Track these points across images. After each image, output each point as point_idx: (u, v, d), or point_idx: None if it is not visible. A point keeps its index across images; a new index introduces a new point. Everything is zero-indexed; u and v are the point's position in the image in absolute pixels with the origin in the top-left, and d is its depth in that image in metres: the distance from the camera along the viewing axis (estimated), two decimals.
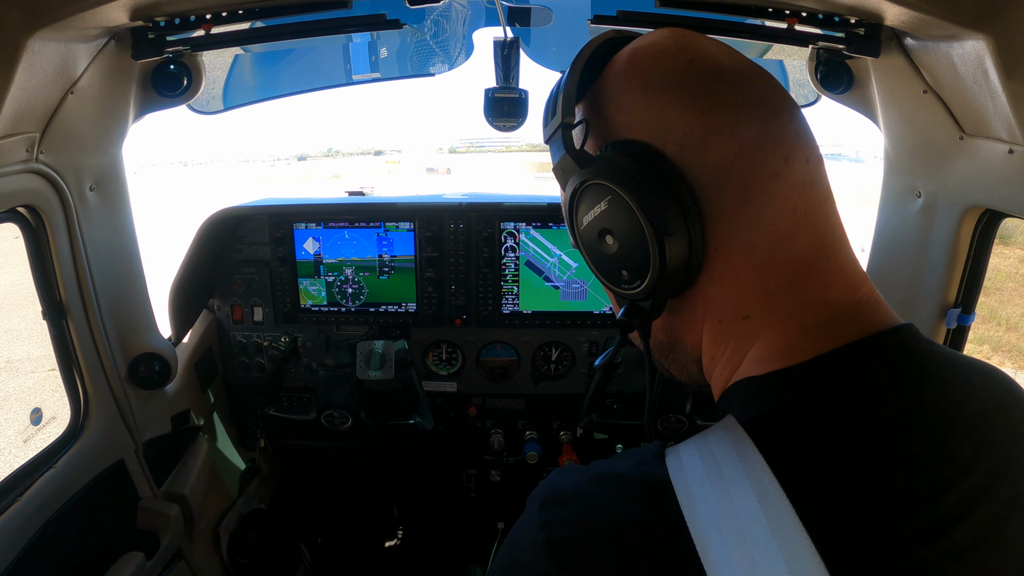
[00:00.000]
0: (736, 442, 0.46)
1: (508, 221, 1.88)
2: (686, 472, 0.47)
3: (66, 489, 1.34)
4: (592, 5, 1.31)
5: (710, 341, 0.56)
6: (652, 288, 0.53)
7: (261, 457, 2.13)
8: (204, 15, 1.19)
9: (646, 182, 0.50)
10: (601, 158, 0.53)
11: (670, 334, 0.61)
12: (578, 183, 0.55)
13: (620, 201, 0.51)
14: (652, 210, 0.49)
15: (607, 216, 0.53)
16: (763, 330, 0.51)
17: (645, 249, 0.51)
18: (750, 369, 0.52)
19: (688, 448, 0.49)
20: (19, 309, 8.14)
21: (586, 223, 0.56)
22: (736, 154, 0.49)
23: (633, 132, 0.52)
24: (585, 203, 0.55)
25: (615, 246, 0.54)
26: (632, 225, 0.51)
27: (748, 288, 0.51)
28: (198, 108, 1.55)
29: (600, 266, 0.58)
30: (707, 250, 0.51)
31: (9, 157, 1.11)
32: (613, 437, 2.02)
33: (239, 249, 1.92)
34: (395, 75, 1.81)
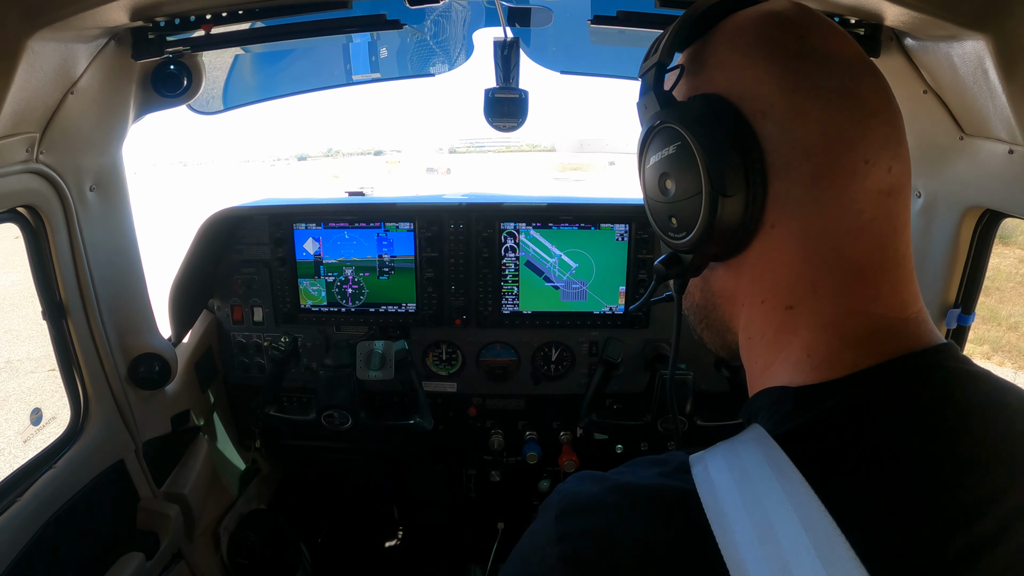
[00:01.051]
0: (771, 458, 0.45)
1: (508, 221, 1.88)
2: (715, 486, 0.45)
3: (66, 489, 1.34)
4: (592, 5, 1.31)
5: (749, 320, 0.55)
6: (695, 244, 0.53)
7: (261, 457, 2.13)
8: (204, 15, 1.19)
9: (718, 139, 0.49)
10: (683, 104, 0.53)
11: (708, 298, 0.60)
12: (654, 123, 0.55)
13: (687, 150, 0.51)
14: (715, 166, 0.49)
15: (672, 161, 0.53)
16: (803, 328, 0.50)
17: (697, 203, 0.51)
18: (785, 374, 0.51)
19: (715, 459, 0.48)
20: (19, 309, 8.14)
21: (651, 163, 0.56)
22: (817, 139, 0.48)
23: (723, 89, 0.52)
24: (656, 143, 0.55)
25: (672, 192, 0.54)
26: (692, 176, 0.51)
27: (797, 278, 0.50)
28: (198, 108, 1.54)
29: (654, 209, 0.58)
30: (763, 224, 0.50)
31: (9, 157, 1.11)
32: (613, 437, 2.02)
33: (239, 249, 1.92)
34: (395, 75, 1.81)
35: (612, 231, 1.87)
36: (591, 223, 1.86)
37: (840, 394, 0.47)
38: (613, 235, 1.87)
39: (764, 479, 0.43)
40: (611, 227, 1.86)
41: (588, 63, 1.82)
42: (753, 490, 0.43)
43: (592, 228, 1.87)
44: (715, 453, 0.49)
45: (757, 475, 0.44)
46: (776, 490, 0.42)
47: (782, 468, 0.44)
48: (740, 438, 0.50)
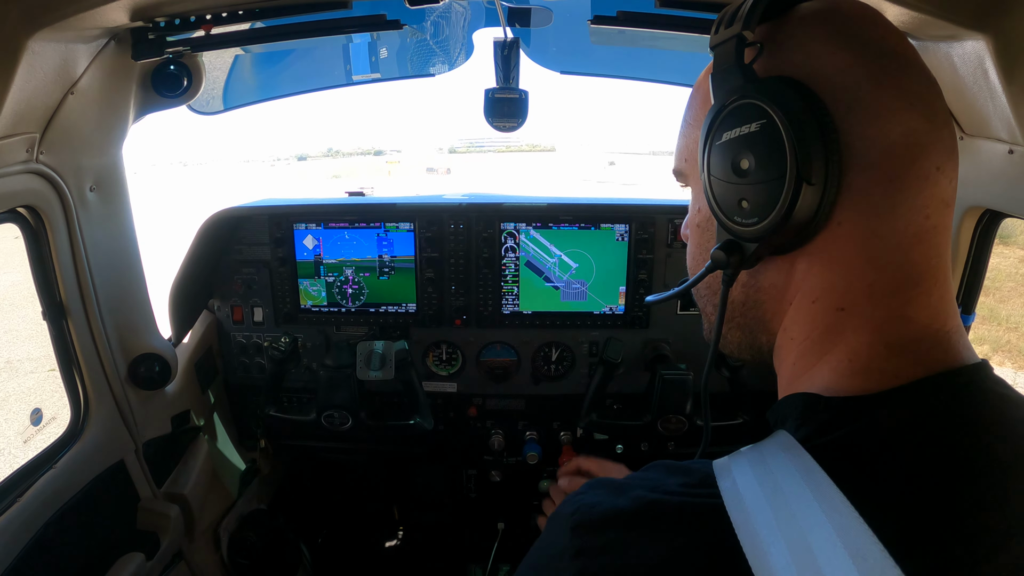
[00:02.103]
0: (806, 472, 0.43)
1: (508, 221, 1.88)
2: (744, 501, 0.43)
3: (66, 490, 1.34)
4: (592, 5, 1.31)
5: (795, 319, 0.53)
6: (766, 231, 0.50)
7: (261, 457, 2.13)
8: (204, 15, 1.19)
9: (806, 123, 0.47)
10: (769, 82, 0.50)
11: (751, 293, 0.57)
12: (737, 96, 0.51)
13: (774, 130, 0.48)
14: (803, 152, 0.47)
15: (753, 139, 0.50)
16: (851, 331, 0.49)
17: (779, 188, 0.48)
18: (820, 379, 0.50)
19: (742, 469, 0.46)
20: (19, 309, 8.14)
21: (725, 139, 0.53)
22: (897, 140, 0.47)
23: (804, 75, 0.49)
24: (733, 119, 0.52)
25: (747, 173, 0.51)
26: (776, 158, 0.48)
27: (854, 278, 0.49)
28: (198, 108, 1.55)
29: (720, 189, 0.54)
30: (830, 221, 0.49)
31: (9, 157, 1.11)
32: (613, 437, 2.02)
33: (239, 249, 1.92)
34: (395, 75, 1.81)
35: (612, 231, 1.87)
36: (591, 223, 1.86)
37: (880, 409, 0.46)
38: (613, 235, 1.87)
39: (799, 496, 0.42)
40: (611, 227, 1.86)
41: (588, 63, 1.82)
42: (788, 507, 0.42)
43: (592, 228, 1.86)
44: (742, 464, 0.47)
45: (792, 491, 0.42)
46: (814, 508, 0.41)
47: (819, 484, 0.42)
48: (768, 448, 0.48)
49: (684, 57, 1.78)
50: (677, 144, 0.64)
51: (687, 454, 2.03)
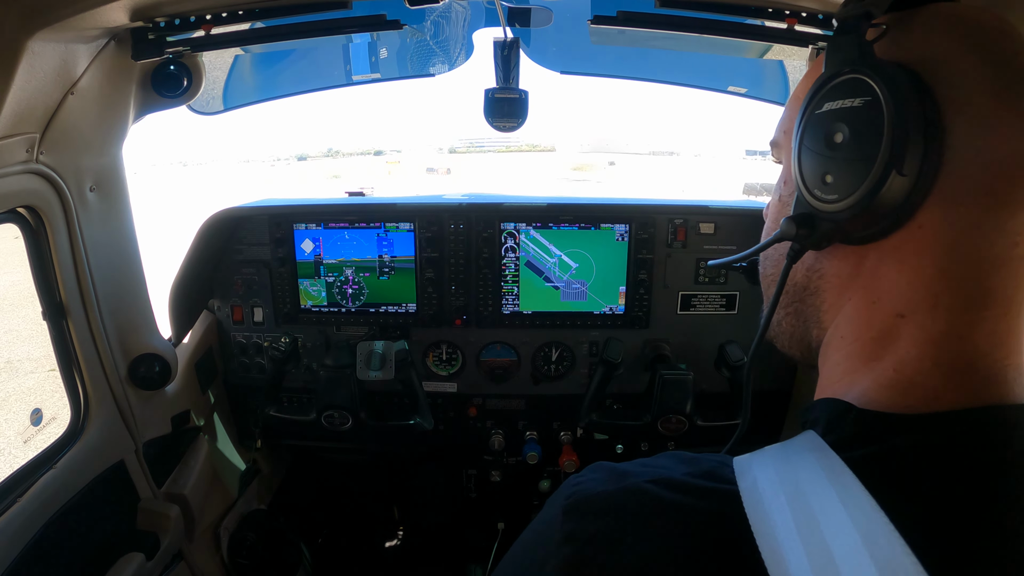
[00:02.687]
0: (831, 473, 0.41)
1: (508, 221, 1.88)
2: (763, 500, 0.41)
3: (66, 490, 1.34)
4: (592, 5, 1.31)
5: (850, 318, 0.51)
6: (843, 212, 0.48)
7: (261, 457, 2.13)
8: (204, 15, 1.19)
9: (911, 112, 0.45)
10: (883, 62, 0.48)
11: (812, 279, 0.55)
12: (849, 68, 0.50)
13: (876, 109, 0.46)
14: (900, 139, 0.45)
15: (854, 114, 0.48)
16: (905, 340, 0.46)
17: (866, 169, 0.46)
18: (863, 386, 0.48)
19: (764, 467, 0.44)
20: (19, 309, 8.14)
21: (825, 108, 0.51)
22: (1004, 156, 0.44)
23: (922, 67, 0.47)
24: (839, 90, 0.50)
25: (839, 147, 0.49)
26: (871, 138, 0.46)
27: (922, 287, 0.46)
28: (198, 108, 1.55)
29: (807, 158, 0.52)
30: (912, 220, 0.46)
31: (9, 158, 1.11)
32: (613, 437, 2.02)
33: (239, 249, 1.92)
34: (395, 75, 1.81)
35: (612, 231, 1.87)
36: (591, 223, 1.86)
37: (915, 433, 0.43)
38: (613, 235, 1.87)
39: (824, 497, 0.40)
40: (611, 227, 1.86)
41: (588, 63, 1.82)
42: (808, 507, 0.39)
43: (592, 228, 1.87)
44: (764, 462, 0.45)
45: (814, 491, 0.40)
46: (838, 511, 0.38)
47: (847, 487, 0.40)
48: (794, 446, 0.45)
49: (685, 57, 1.78)
50: (781, 116, 0.62)
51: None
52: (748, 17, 1.24)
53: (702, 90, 1.82)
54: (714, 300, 1.92)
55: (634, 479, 0.46)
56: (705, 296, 1.91)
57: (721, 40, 1.34)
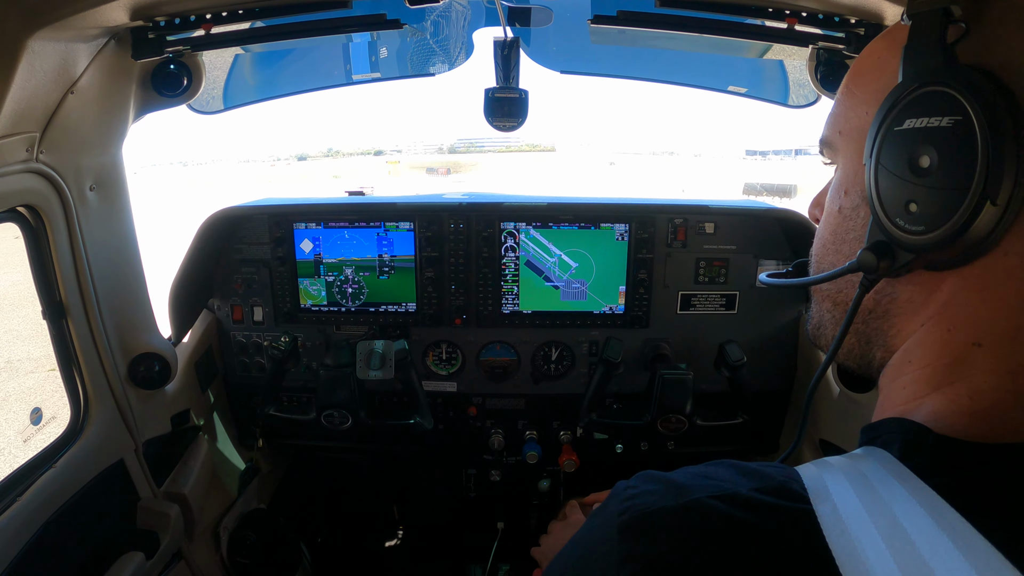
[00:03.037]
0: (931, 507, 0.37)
1: (508, 221, 1.88)
2: (850, 532, 0.37)
3: (66, 489, 1.34)
4: (592, 5, 1.31)
5: (922, 343, 0.48)
6: (930, 244, 0.44)
7: (261, 457, 2.13)
8: (204, 15, 1.19)
9: (1007, 133, 0.40)
10: (970, 73, 0.43)
11: (883, 303, 0.51)
12: (933, 80, 0.44)
13: (969, 132, 0.41)
14: (997, 166, 0.40)
15: (941, 136, 0.43)
16: (981, 371, 0.44)
17: (959, 201, 0.42)
18: (935, 410, 0.45)
19: (842, 491, 0.40)
20: (19, 309, 8.14)
21: (907, 126, 0.46)
22: None
23: (1008, 75, 0.42)
24: (922, 106, 0.45)
25: (926, 173, 0.44)
26: (966, 166, 0.42)
27: (1003, 317, 0.43)
28: (198, 108, 1.55)
29: (886, 183, 0.47)
30: (997, 248, 0.43)
31: (9, 157, 1.11)
32: (613, 437, 2.02)
33: (239, 249, 1.92)
34: (395, 75, 1.81)
35: (612, 231, 1.87)
36: (591, 223, 1.86)
37: (1007, 461, 0.41)
38: (613, 235, 1.87)
39: (929, 536, 0.36)
40: (611, 227, 1.86)
41: (588, 63, 1.82)
42: (913, 547, 0.36)
43: (592, 228, 1.87)
44: (840, 483, 0.41)
45: (916, 528, 0.36)
46: (949, 551, 0.35)
47: (953, 524, 0.36)
48: (871, 469, 0.42)
49: (685, 57, 1.78)
50: (832, 111, 0.57)
51: (687, 454, 2.03)
52: (748, 17, 1.24)
53: (702, 90, 1.82)
54: (714, 300, 1.92)
55: (696, 494, 0.43)
56: (705, 296, 1.91)
57: (721, 40, 1.34)
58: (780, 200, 25.78)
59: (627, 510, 0.43)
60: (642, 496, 0.44)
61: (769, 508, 0.41)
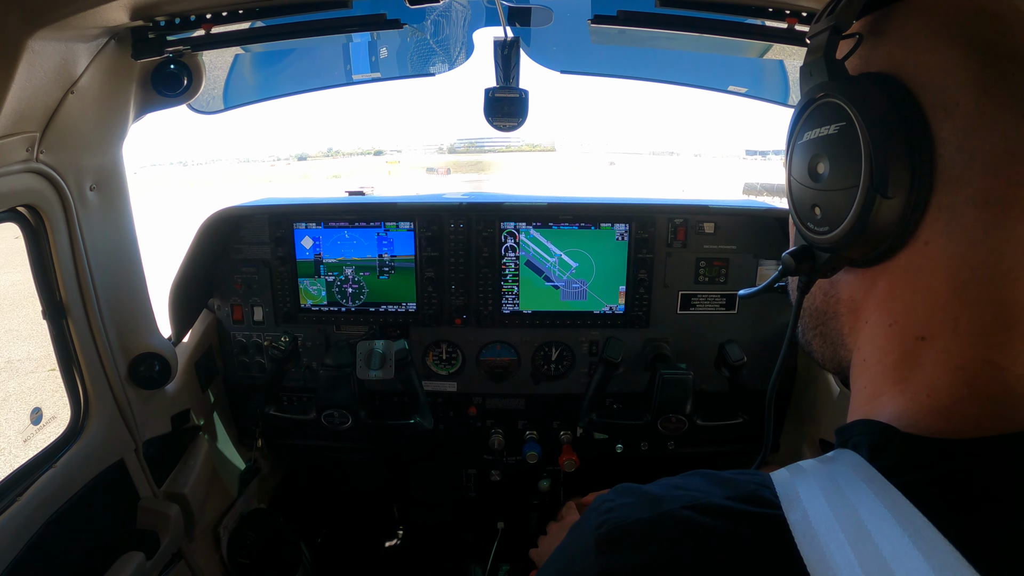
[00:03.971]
0: (894, 509, 0.38)
1: (508, 221, 1.88)
2: (819, 537, 0.38)
3: (66, 489, 1.34)
4: (592, 5, 1.31)
5: (870, 340, 0.49)
6: (837, 243, 0.47)
7: (261, 457, 2.13)
8: (204, 15, 1.19)
9: (889, 128, 0.43)
10: (854, 79, 0.47)
11: (830, 304, 0.54)
12: (818, 94, 0.48)
13: (851, 134, 0.45)
14: (880, 160, 0.43)
15: (830, 142, 0.47)
16: (931, 365, 0.44)
17: (850, 199, 0.45)
18: (894, 408, 0.45)
19: (812, 495, 0.41)
20: (19, 309, 8.14)
21: (805, 139, 0.50)
22: (1000, 156, 0.41)
23: (902, 72, 0.44)
24: (814, 118, 0.49)
25: (822, 179, 0.48)
26: (850, 165, 0.45)
27: (938, 307, 0.44)
28: (198, 108, 1.55)
29: (797, 193, 0.51)
30: (915, 238, 0.44)
31: (9, 157, 1.11)
32: (613, 437, 2.02)
33: (239, 249, 1.92)
34: (395, 75, 1.81)
35: (612, 231, 1.87)
36: (591, 223, 1.86)
37: (970, 457, 0.41)
38: (613, 235, 1.87)
39: (891, 537, 0.37)
40: (611, 227, 1.86)
41: (588, 63, 1.82)
42: (876, 550, 0.36)
43: (592, 228, 1.87)
44: (811, 488, 0.42)
45: (879, 530, 0.37)
46: (910, 552, 0.35)
47: (916, 526, 0.37)
48: (841, 472, 0.43)
49: (685, 57, 1.78)
50: None
51: (687, 454, 2.03)
52: (748, 17, 1.24)
53: (702, 90, 1.82)
54: (714, 300, 1.92)
55: (669, 505, 0.43)
56: (705, 296, 1.91)
57: (721, 40, 1.34)
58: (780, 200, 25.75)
59: (604, 523, 0.44)
60: (618, 509, 0.45)
61: (741, 515, 0.41)
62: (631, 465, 2.10)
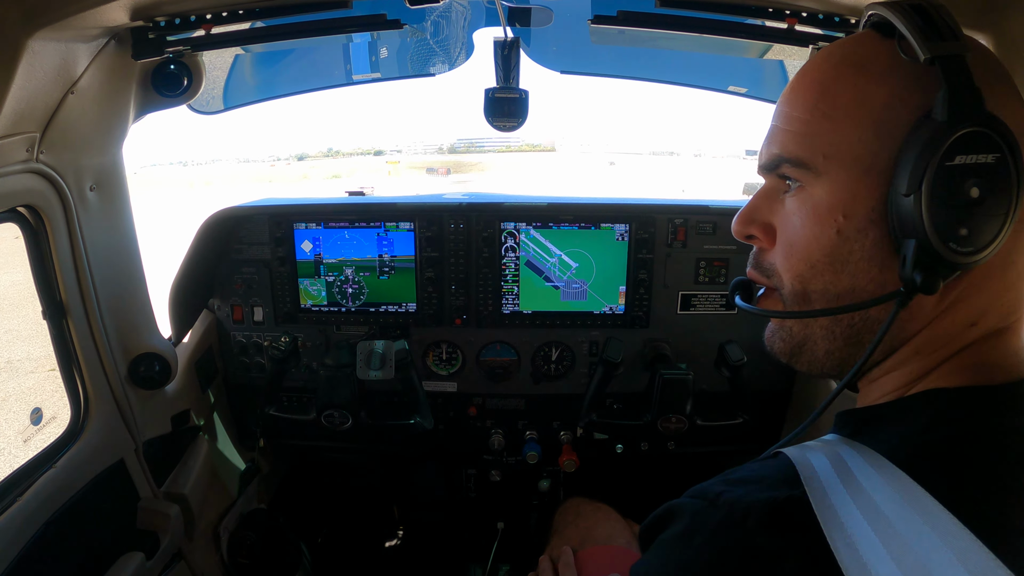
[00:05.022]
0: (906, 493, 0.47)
1: (508, 221, 1.88)
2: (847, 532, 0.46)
3: (66, 489, 1.33)
4: (592, 5, 1.31)
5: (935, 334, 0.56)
6: (975, 263, 0.52)
7: (261, 457, 2.13)
8: (204, 15, 1.19)
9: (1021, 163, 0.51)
10: (995, 118, 0.51)
11: (881, 311, 0.58)
12: (976, 121, 0.50)
13: (1006, 167, 0.50)
14: (1020, 191, 0.50)
15: (987, 170, 0.51)
16: (981, 338, 0.55)
17: (1002, 223, 0.51)
18: (944, 377, 0.55)
19: (832, 488, 0.49)
20: (19, 309, 8.14)
21: (958, 161, 0.51)
22: None
23: (1007, 116, 0.51)
24: (968, 144, 0.50)
25: (977, 201, 0.51)
26: (1007, 194, 0.51)
27: (995, 298, 0.55)
28: (198, 108, 1.55)
29: (936, 210, 0.51)
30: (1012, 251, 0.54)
31: (9, 157, 1.12)
32: (613, 437, 2.02)
33: (239, 249, 1.92)
34: (395, 75, 1.81)
35: (612, 231, 1.87)
36: (591, 223, 1.86)
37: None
38: (613, 235, 1.87)
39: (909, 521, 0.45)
40: (611, 227, 1.86)
41: (588, 63, 1.82)
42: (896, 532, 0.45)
43: (592, 228, 1.87)
44: (830, 479, 0.51)
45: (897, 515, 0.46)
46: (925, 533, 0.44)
47: (929, 509, 0.45)
48: (860, 462, 0.51)
49: (685, 57, 1.78)
50: (795, 130, 0.59)
51: (687, 454, 2.03)
52: (748, 17, 1.24)
53: (702, 90, 1.82)
54: (714, 300, 1.92)
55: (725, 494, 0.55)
56: (705, 296, 1.91)
57: (721, 40, 1.34)
58: None
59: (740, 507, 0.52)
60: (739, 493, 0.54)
61: (771, 496, 0.52)
62: (631, 465, 2.10)
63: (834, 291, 0.58)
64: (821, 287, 0.59)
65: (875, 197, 0.54)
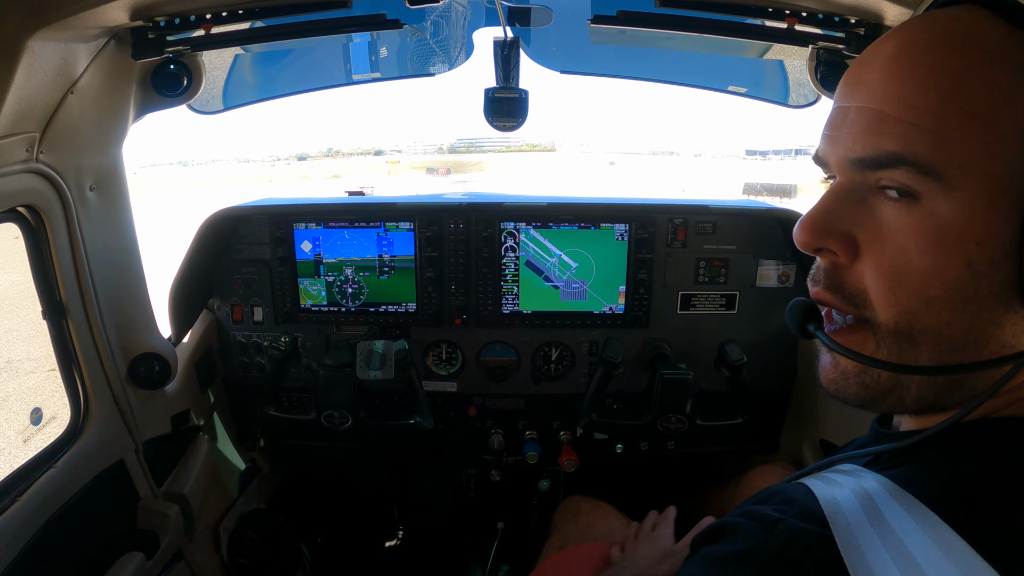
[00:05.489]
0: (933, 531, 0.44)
1: (508, 221, 1.88)
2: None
3: (66, 489, 1.33)
4: (592, 5, 1.31)
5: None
6: None
7: (261, 457, 2.13)
8: (204, 15, 1.19)
9: None
10: None
11: None
12: None
13: None
14: None
15: None
16: None
17: None
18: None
19: (866, 539, 0.45)
20: (19, 309, 8.14)
21: None
22: None
23: None
24: None
25: None
26: None
27: None
28: (198, 108, 1.55)
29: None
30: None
31: (9, 157, 1.12)
32: (613, 437, 2.02)
33: (239, 249, 1.92)
34: (395, 75, 1.81)
35: (612, 231, 1.87)
36: (591, 223, 1.86)
37: None
38: (613, 235, 1.87)
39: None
40: (611, 227, 1.86)
41: (588, 63, 1.82)
42: None
43: (592, 228, 1.87)
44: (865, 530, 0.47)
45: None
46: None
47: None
48: (890, 504, 0.48)
49: (685, 57, 1.78)
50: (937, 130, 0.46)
51: (687, 454, 2.03)
52: (748, 17, 1.24)
53: (702, 90, 1.82)
54: (714, 300, 1.92)
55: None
56: (705, 296, 1.91)
57: (721, 40, 1.34)
58: (780, 200, 25.80)
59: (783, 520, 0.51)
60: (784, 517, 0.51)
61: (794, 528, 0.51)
62: (631, 465, 2.10)
63: (948, 333, 0.48)
64: (934, 327, 0.48)
65: (1013, 225, 0.45)
